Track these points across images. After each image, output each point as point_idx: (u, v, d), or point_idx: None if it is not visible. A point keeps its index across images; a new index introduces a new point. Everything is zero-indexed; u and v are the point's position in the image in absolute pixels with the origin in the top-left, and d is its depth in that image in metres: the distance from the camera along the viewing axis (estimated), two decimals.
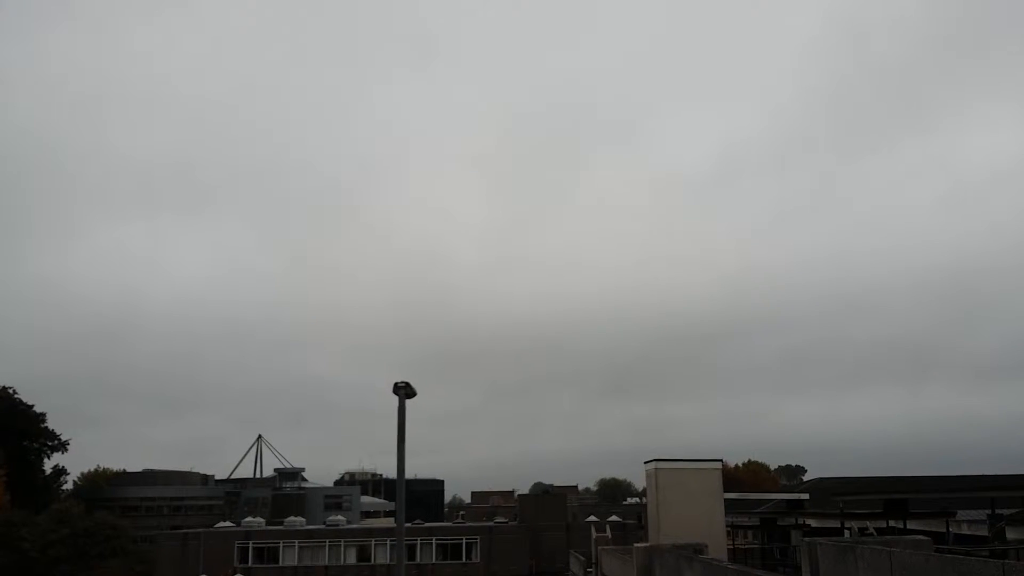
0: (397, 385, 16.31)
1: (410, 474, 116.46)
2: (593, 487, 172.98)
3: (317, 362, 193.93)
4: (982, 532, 30.06)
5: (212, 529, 75.38)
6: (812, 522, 37.93)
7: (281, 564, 69.89)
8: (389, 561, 68.43)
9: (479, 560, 70.48)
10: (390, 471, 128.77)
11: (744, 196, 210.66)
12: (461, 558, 70.66)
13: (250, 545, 70.36)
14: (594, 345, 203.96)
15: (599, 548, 38.33)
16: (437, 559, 70.41)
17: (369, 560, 70.03)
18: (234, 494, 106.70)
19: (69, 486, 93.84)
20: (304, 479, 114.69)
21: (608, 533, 49.35)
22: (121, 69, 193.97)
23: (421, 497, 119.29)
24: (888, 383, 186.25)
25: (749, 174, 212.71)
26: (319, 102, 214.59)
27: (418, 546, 70.15)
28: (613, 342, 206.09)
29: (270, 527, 76.83)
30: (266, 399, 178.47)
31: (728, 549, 31.27)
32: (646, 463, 29.82)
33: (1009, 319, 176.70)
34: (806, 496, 38.54)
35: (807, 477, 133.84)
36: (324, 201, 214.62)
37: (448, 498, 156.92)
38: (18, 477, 77.40)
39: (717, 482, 28.55)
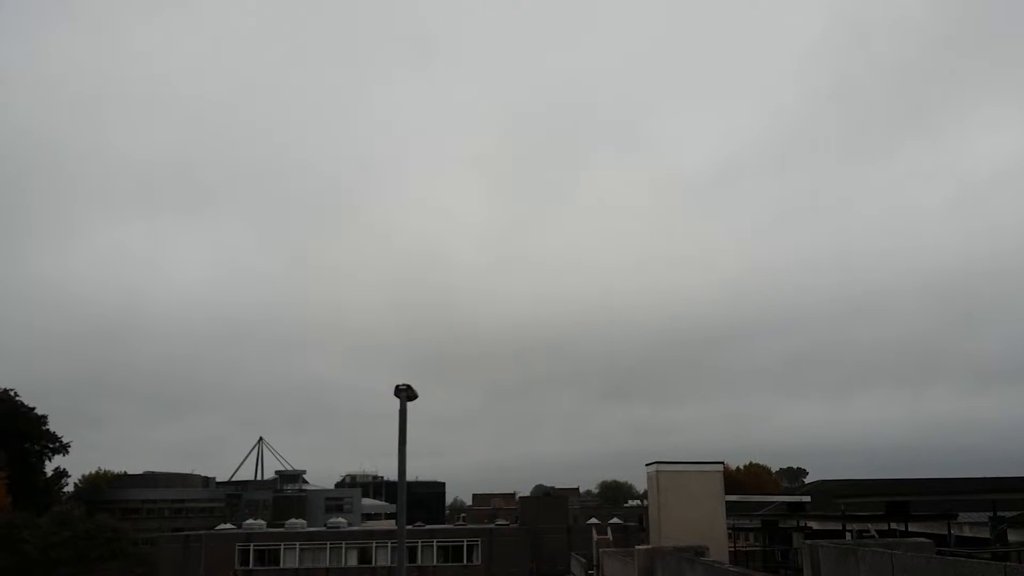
0: (398, 387, 16.32)
1: (411, 476, 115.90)
2: (594, 489, 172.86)
3: (318, 363, 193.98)
4: (984, 534, 30.01)
5: (213, 531, 75.40)
6: (814, 524, 37.91)
7: (282, 566, 69.88)
8: (390, 563, 68.43)
9: (480, 562, 70.48)
10: (391, 473, 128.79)
11: (745, 197, 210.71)
12: (462, 560, 70.65)
13: (251, 547, 70.38)
14: (595, 346, 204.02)
15: (600, 550, 38.30)
16: (438, 561, 70.43)
17: (370, 562, 70.03)
18: (235, 496, 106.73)
19: (70, 488, 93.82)
20: (305, 481, 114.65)
21: (609, 535, 49.31)
22: (121, 69, 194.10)
23: (422, 499, 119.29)
24: (890, 385, 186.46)
25: (750, 175, 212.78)
26: (319, 102, 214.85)
27: (419, 548, 70.15)
28: (614, 343, 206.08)
29: (271, 529, 76.80)
30: (267, 401, 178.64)
31: (730, 551, 31.27)
32: (647, 465, 29.81)
33: (1011, 321, 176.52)
34: (807, 498, 38.56)
35: (808, 479, 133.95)
36: (324, 201, 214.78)
37: (449, 500, 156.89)
38: (19, 479, 77.39)
39: (718, 484, 28.54)
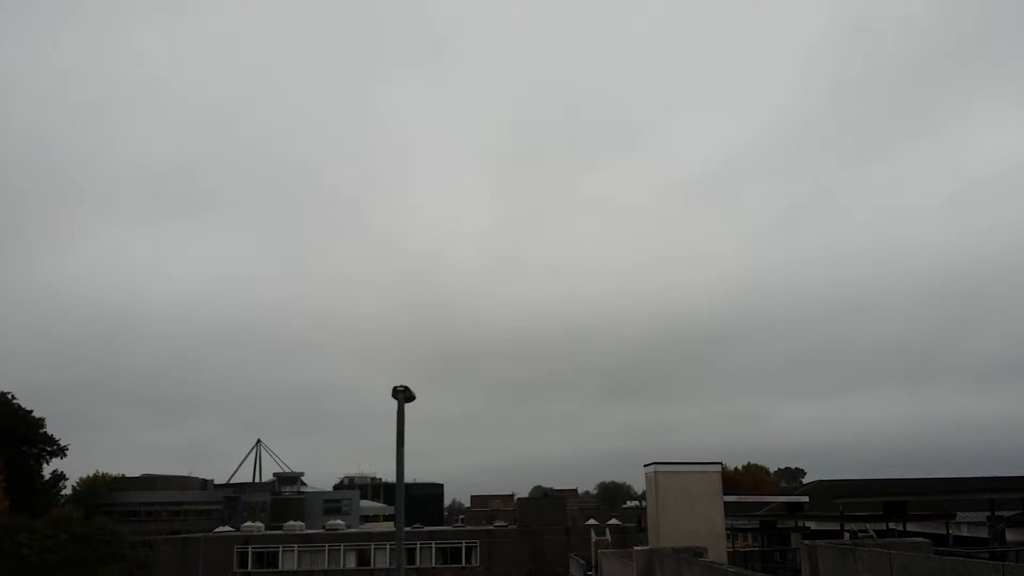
0: (396, 389, 16.29)
1: (409, 478, 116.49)
2: (593, 490, 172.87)
3: (317, 366, 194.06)
4: (982, 534, 30.07)
5: (211, 534, 75.26)
6: (812, 524, 37.98)
7: (280, 568, 69.77)
8: (388, 565, 68.34)
9: (479, 564, 70.42)
10: (389, 475, 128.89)
11: (745, 198, 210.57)
12: (461, 562, 70.59)
13: (249, 550, 70.26)
14: (594, 348, 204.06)
15: (599, 551, 38.26)
16: (437, 563, 70.36)
17: (369, 564, 69.93)
18: (233, 499, 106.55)
19: (68, 491, 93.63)
20: (303, 483, 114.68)
21: (608, 536, 49.26)
22: (122, 73, 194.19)
23: (421, 501, 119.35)
24: (888, 385, 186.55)
25: (750, 176, 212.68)
26: (320, 105, 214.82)
27: (417, 550, 70.08)
28: (614, 345, 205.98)
29: (269, 532, 76.68)
30: (266, 403, 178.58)
31: (728, 552, 31.27)
32: (646, 466, 29.85)
33: (1009, 321, 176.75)
34: (806, 499, 38.65)
35: (807, 480, 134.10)
36: (324, 204, 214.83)
37: (447, 502, 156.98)
38: (17, 483, 77.23)
39: (717, 485, 28.60)
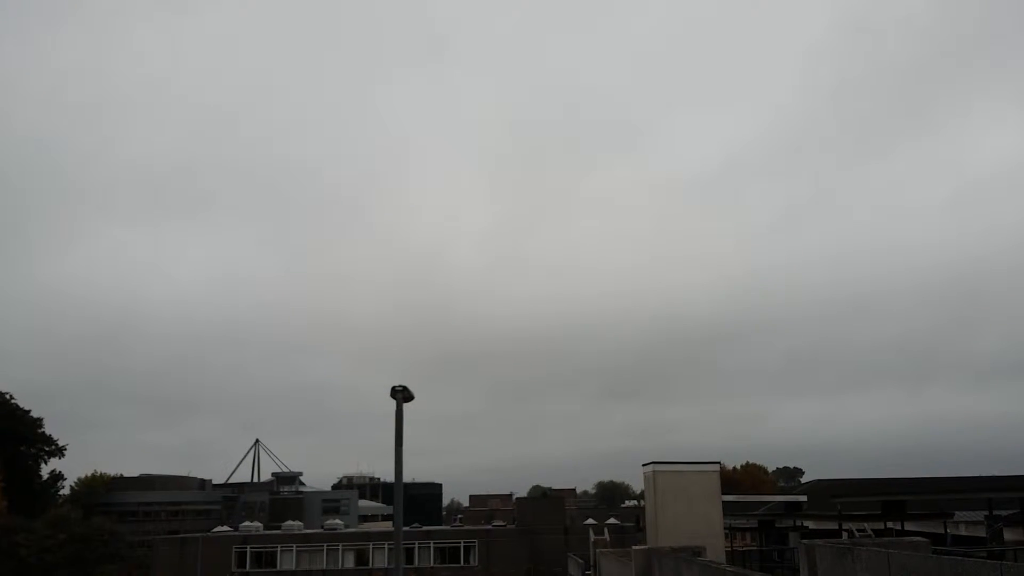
0: (395, 389, 16.26)
1: (408, 478, 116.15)
2: (591, 490, 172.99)
3: (316, 366, 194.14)
4: (980, 533, 30.11)
5: (210, 534, 75.20)
6: (810, 524, 37.99)
7: (279, 568, 69.72)
8: (387, 565, 68.30)
9: (477, 564, 70.38)
10: (388, 475, 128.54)
11: (745, 198, 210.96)
12: (459, 561, 70.56)
13: (248, 549, 70.22)
14: (594, 348, 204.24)
15: (597, 551, 38.26)
16: (435, 563, 70.32)
17: (367, 564, 69.89)
18: (232, 499, 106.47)
19: (66, 491, 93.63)
20: (302, 483, 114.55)
21: (606, 536, 49.23)
22: (122, 73, 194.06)
23: (419, 501, 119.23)
24: (887, 385, 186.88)
25: (750, 176, 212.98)
26: (320, 105, 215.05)
27: (416, 550, 70.07)
28: (613, 344, 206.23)
29: (268, 531, 76.62)
30: (265, 403, 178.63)
31: (726, 551, 31.28)
32: (644, 466, 29.85)
33: (1009, 321, 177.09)
34: (804, 498, 38.64)
35: (805, 479, 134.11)
36: (324, 204, 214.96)
37: (446, 501, 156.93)
38: (15, 483, 77.15)
39: (715, 484, 28.60)
